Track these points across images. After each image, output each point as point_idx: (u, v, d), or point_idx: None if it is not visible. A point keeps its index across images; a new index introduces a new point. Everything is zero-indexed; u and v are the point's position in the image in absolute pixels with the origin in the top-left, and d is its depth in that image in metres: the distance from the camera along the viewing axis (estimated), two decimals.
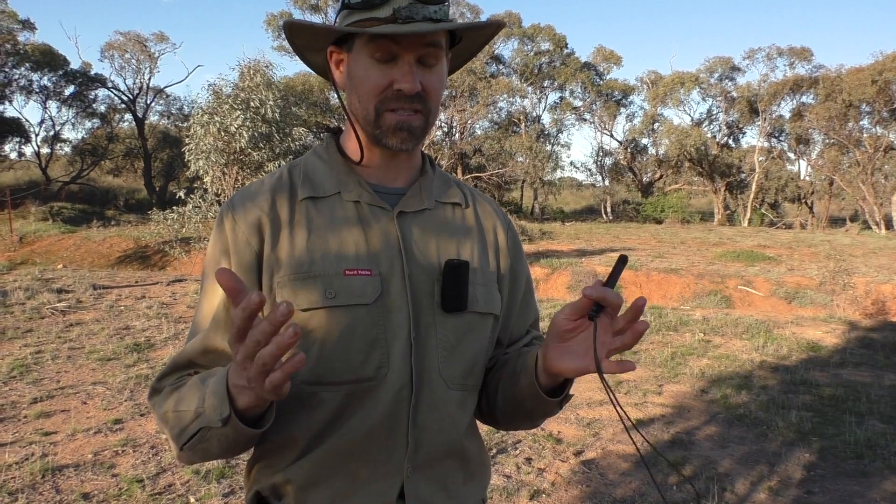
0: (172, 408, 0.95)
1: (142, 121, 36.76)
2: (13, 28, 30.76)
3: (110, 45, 35.16)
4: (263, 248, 1.02)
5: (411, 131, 1.02)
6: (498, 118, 38.08)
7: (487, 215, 1.20)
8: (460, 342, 1.07)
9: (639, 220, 36.42)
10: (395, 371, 1.01)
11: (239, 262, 1.01)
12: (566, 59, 39.40)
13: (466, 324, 1.07)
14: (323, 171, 1.09)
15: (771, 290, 12.55)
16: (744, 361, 6.62)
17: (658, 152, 41.86)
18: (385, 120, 1.01)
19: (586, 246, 19.28)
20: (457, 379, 1.07)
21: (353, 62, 1.01)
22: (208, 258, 1.06)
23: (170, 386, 0.99)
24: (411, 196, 1.10)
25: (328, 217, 1.04)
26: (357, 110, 1.03)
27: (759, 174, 37.29)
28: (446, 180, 1.19)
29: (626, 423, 1.03)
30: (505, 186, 38.91)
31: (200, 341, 1.00)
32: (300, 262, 1.00)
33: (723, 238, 23.25)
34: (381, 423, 1.00)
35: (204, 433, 0.90)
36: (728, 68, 39.24)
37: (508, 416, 1.15)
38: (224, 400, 0.86)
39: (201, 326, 1.02)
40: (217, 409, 0.87)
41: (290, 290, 0.99)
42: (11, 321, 7.60)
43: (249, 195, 1.06)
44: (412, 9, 0.95)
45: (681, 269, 14.28)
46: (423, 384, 1.03)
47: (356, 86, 1.01)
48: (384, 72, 0.98)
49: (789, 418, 4.92)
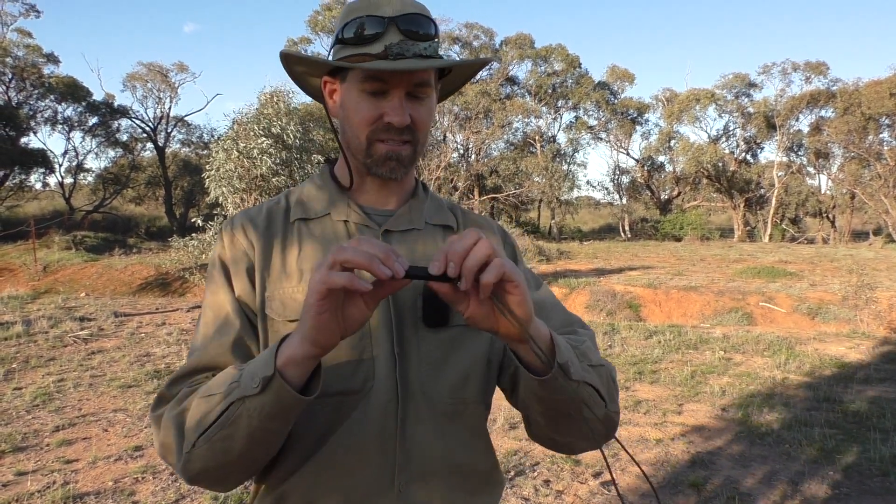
0: (198, 397, 0.94)
1: (162, 149, 37.34)
2: (38, 61, 31.52)
3: (132, 76, 35.88)
4: (256, 263, 1.07)
5: (400, 161, 1.07)
6: (513, 139, 38.20)
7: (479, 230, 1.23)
8: (447, 357, 1.08)
9: (657, 238, 36.19)
10: (380, 384, 1.03)
11: (236, 271, 1.07)
12: (580, 78, 39.53)
13: (452, 338, 1.09)
14: (316, 195, 1.15)
15: (793, 307, 12.39)
16: (765, 379, 6.53)
17: (675, 169, 41.68)
18: (376, 150, 1.06)
19: (604, 265, 19.18)
20: (444, 393, 1.07)
21: (346, 93, 1.06)
22: (209, 269, 1.11)
23: (187, 387, 0.99)
24: (400, 216, 1.14)
25: (318, 235, 1.10)
26: (349, 139, 1.09)
27: (779, 189, 36.96)
28: (439, 205, 1.23)
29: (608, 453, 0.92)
30: (522, 207, 38.90)
31: (215, 346, 1.02)
32: (290, 275, 1.06)
33: (743, 254, 23.03)
34: (370, 436, 1.02)
35: (233, 411, 0.88)
36: (744, 84, 39.11)
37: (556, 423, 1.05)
38: (269, 360, 0.86)
39: (208, 334, 1.04)
40: (258, 372, 0.87)
41: (279, 302, 1.05)
42: (35, 350, 7.71)
43: (248, 215, 1.13)
44: (403, 45, 1.00)
45: (701, 286, 14.15)
46: (408, 398, 1.05)
47: (348, 116, 1.07)
48: (375, 104, 1.03)
49: (813, 436, 4.84)
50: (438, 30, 1.06)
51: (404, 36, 1.00)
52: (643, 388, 6.26)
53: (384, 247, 0.81)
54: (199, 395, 0.94)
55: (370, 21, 1.01)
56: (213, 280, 1.09)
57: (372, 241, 0.82)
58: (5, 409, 5.46)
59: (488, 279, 0.81)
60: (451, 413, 1.09)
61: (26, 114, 30.97)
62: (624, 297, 13.43)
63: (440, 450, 1.07)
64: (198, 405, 0.93)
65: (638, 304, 13.27)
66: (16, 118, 29.58)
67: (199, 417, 0.91)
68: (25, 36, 32.23)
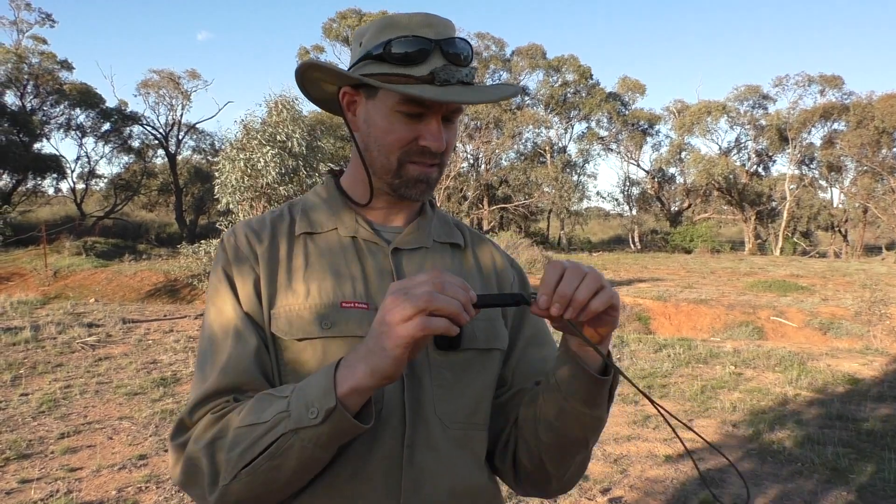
0: (235, 426, 0.89)
1: (174, 156, 37.56)
2: (52, 68, 31.83)
3: (145, 83, 36.15)
4: (261, 278, 1.03)
5: (429, 183, 1.06)
6: (524, 149, 38.23)
7: (488, 255, 1.20)
8: (459, 380, 1.05)
9: (667, 250, 36.05)
10: (388, 407, 0.99)
11: (243, 284, 1.02)
12: (591, 89, 39.55)
13: (465, 361, 1.06)
14: (321, 208, 1.12)
15: (805, 321, 12.28)
16: (777, 395, 6.44)
17: (686, 181, 41.56)
18: (407, 172, 1.04)
19: (614, 276, 19.10)
20: (458, 418, 1.04)
21: (375, 110, 1.03)
22: (212, 282, 1.05)
23: (212, 413, 0.94)
24: (408, 234, 1.11)
25: (325, 251, 1.06)
26: (375, 158, 1.05)
27: (791, 202, 36.77)
28: (446, 222, 1.20)
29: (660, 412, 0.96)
30: (531, 217, 38.89)
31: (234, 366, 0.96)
32: (297, 293, 1.02)
33: (754, 268, 22.89)
34: (376, 462, 0.98)
35: (284, 442, 0.85)
36: (757, 96, 39.00)
37: (558, 449, 1.04)
38: (329, 390, 0.84)
39: (222, 353, 0.98)
40: (315, 403, 0.84)
41: (285, 320, 1.00)
42: (42, 356, 7.71)
43: (251, 227, 1.09)
44: (448, 71, 0.97)
45: (711, 299, 14.05)
46: (418, 422, 1.01)
47: (377, 135, 1.03)
48: (411, 127, 1.01)
49: (825, 455, 4.75)
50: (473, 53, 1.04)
51: (447, 61, 0.98)
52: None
53: (463, 286, 0.82)
54: (237, 425, 0.89)
55: (416, 42, 0.97)
56: (218, 294, 1.03)
57: (455, 280, 0.82)
58: (11, 416, 5.45)
59: (596, 308, 0.85)
60: (462, 439, 1.06)
61: (40, 120, 31.25)
62: (633, 310, 13.35)
63: (449, 478, 1.03)
64: (238, 435, 0.88)
65: (647, 317, 13.19)
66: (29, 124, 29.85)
67: (243, 448, 0.87)
68: (41, 43, 32.63)
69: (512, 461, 1.12)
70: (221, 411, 0.94)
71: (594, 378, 0.95)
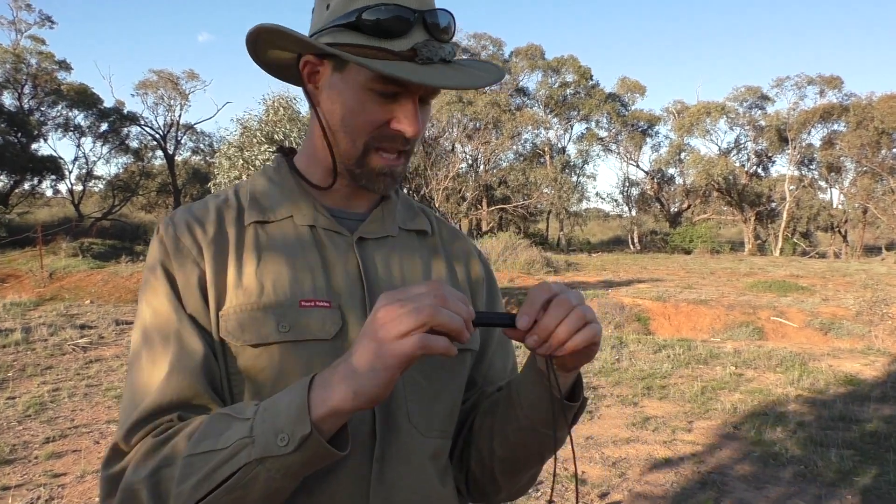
0: (186, 454, 0.75)
1: (172, 157, 37.48)
2: (51, 69, 31.74)
3: (143, 84, 36.08)
4: (206, 274, 0.89)
5: (394, 177, 0.94)
6: (523, 150, 38.15)
7: (457, 245, 1.09)
8: (432, 383, 0.94)
9: (667, 251, 35.96)
10: (358, 420, 0.87)
11: (186, 282, 0.88)
12: (591, 90, 39.48)
13: (438, 364, 0.94)
14: (273, 193, 0.97)
15: (805, 321, 12.18)
16: (778, 396, 6.33)
17: (685, 182, 41.49)
18: (371, 162, 0.91)
19: (613, 277, 18.99)
20: (435, 425, 0.94)
21: (343, 86, 0.89)
22: (146, 279, 0.91)
23: (152, 436, 0.80)
24: (372, 221, 0.99)
25: (280, 242, 0.93)
26: (339, 139, 0.92)
27: (790, 203, 36.69)
28: (410, 207, 1.08)
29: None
30: (530, 218, 38.80)
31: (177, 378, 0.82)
32: (248, 291, 0.88)
33: (754, 268, 22.79)
34: (342, 479, 0.86)
35: (247, 472, 0.72)
36: (757, 97, 38.94)
37: (511, 463, 0.98)
38: (302, 414, 0.71)
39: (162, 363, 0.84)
40: (286, 429, 0.71)
41: (236, 322, 0.86)
42: (33, 358, 7.60)
43: (194, 214, 0.94)
44: (430, 48, 0.85)
45: (711, 300, 13.95)
46: (390, 433, 0.89)
47: (344, 115, 0.90)
48: (383, 108, 0.88)
49: (829, 457, 4.65)
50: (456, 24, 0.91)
51: (430, 35, 0.85)
52: (651, 404, 6.08)
53: (464, 301, 0.73)
54: (188, 452, 0.75)
55: (396, 11, 0.83)
56: (155, 293, 0.88)
57: (457, 294, 0.73)
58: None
59: (572, 347, 0.78)
60: (437, 448, 0.95)
61: (38, 120, 31.16)
62: (632, 310, 13.24)
63: (422, 493, 0.92)
64: (190, 464, 0.74)
65: (647, 318, 13.08)
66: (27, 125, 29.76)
67: (198, 480, 0.73)
68: (39, 43, 32.51)
69: (461, 467, 1.03)
70: (165, 434, 0.80)
71: (560, 402, 0.87)
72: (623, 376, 7.08)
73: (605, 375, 7.09)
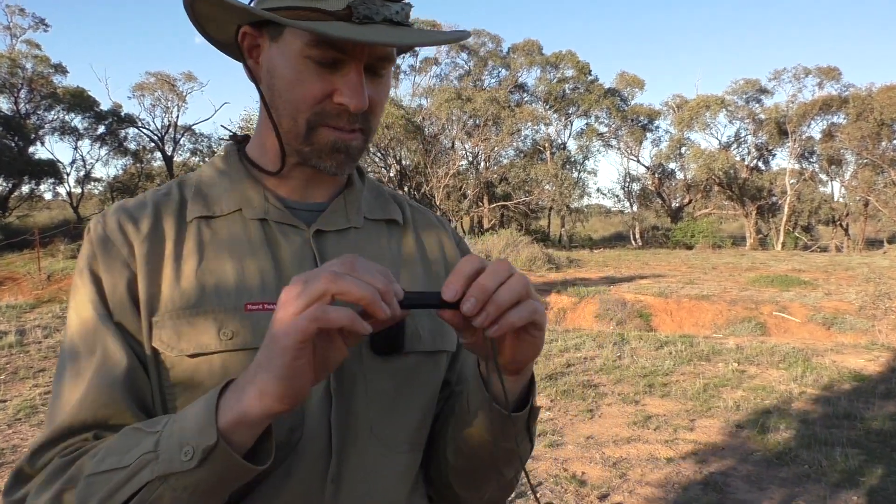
0: (87, 473, 0.67)
1: (170, 158, 37.40)
2: (46, 72, 31.65)
3: (140, 86, 35.94)
4: (138, 275, 0.79)
5: (350, 153, 0.82)
6: (523, 146, 37.98)
7: (431, 230, 0.98)
8: (401, 391, 0.84)
9: (669, 246, 35.82)
10: (310, 434, 0.77)
11: (113, 286, 0.79)
12: (590, 85, 39.31)
13: (410, 367, 0.85)
14: (221, 184, 0.87)
15: (808, 316, 12.07)
16: (781, 393, 6.24)
17: (686, 177, 41.34)
18: (320, 137, 0.81)
19: (615, 273, 18.88)
20: (403, 437, 0.84)
21: (280, 56, 0.79)
22: (73, 284, 0.83)
23: (60, 457, 0.72)
24: (333, 212, 0.89)
25: (225, 239, 0.83)
26: (281, 117, 0.82)
27: (791, 197, 36.53)
28: (379, 194, 0.97)
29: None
30: (532, 214, 38.68)
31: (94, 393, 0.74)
32: (187, 294, 0.79)
33: (755, 263, 22.66)
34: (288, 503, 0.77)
35: (150, 492, 0.63)
36: (755, 90, 38.77)
37: (467, 475, 0.88)
38: (209, 423, 0.63)
39: (81, 377, 0.76)
40: (190, 441, 0.62)
41: (171, 329, 0.77)
42: (26, 360, 7.51)
43: (127, 210, 0.85)
44: (371, 6, 0.74)
45: (713, 295, 13.85)
46: (347, 450, 0.80)
47: (282, 89, 0.80)
48: (323, 79, 0.78)
49: (834, 456, 4.55)
50: None
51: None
52: (653, 402, 5.98)
53: (383, 273, 0.61)
54: (90, 471, 0.67)
55: None
56: (80, 299, 0.80)
57: (369, 264, 0.61)
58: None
59: (515, 321, 0.66)
60: (407, 463, 0.85)
61: (34, 124, 31.10)
62: (634, 306, 13.14)
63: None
64: (92, 484, 0.66)
65: (648, 314, 12.99)
66: (24, 128, 29.69)
67: (98, 501, 0.65)
68: (34, 47, 32.42)
69: (426, 473, 0.94)
70: (73, 454, 0.71)
71: (501, 413, 0.77)
72: (624, 374, 6.98)
73: (607, 373, 7.00)
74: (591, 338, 8.89)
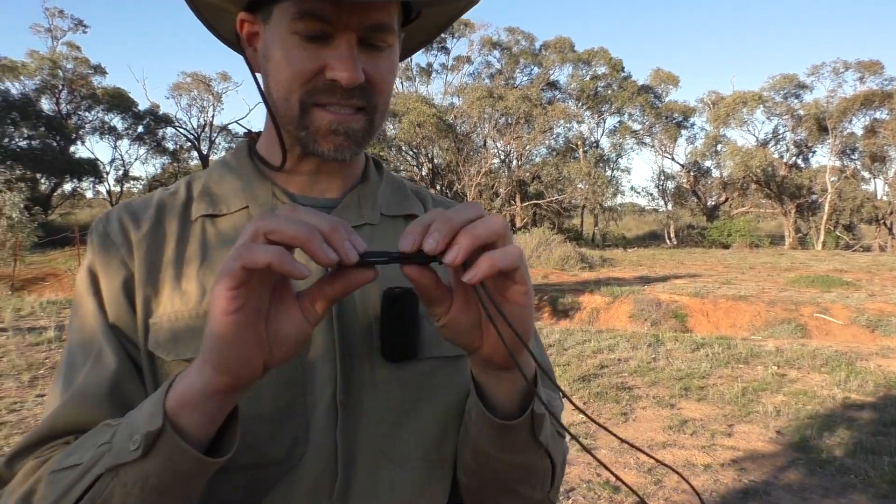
0: (50, 470, 0.64)
1: (206, 157, 37.97)
2: (86, 73, 32.37)
3: (177, 86, 36.59)
4: (136, 275, 0.76)
5: (350, 135, 0.75)
6: (555, 144, 37.72)
7: None
8: (416, 401, 0.77)
9: (704, 245, 35.28)
10: (314, 450, 0.72)
11: (110, 287, 0.76)
12: (623, 82, 38.87)
13: (424, 375, 0.78)
14: (228, 182, 0.83)
15: (851, 318, 11.73)
16: (824, 398, 6.04)
17: (722, 174, 40.66)
18: (314, 119, 0.74)
19: (649, 273, 18.62)
20: (416, 454, 0.77)
21: (271, 38, 0.74)
22: (76, 286, 0.79)
23: (36, 459, 0.69)
24: (346, 208, 0.82)
25: (231, 238, 0.78)
26: (276, 102, 0.76)
27: (832, 195, 35.69)
28: (399, 188, 0.91)
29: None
30: (564, 213, 38.42)
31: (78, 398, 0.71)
32: (187, 296, 0.74)
33: (795, 262, 22.17)
34: None
35: (101, 487, 0.59)
36: (793, 85, 37.94)
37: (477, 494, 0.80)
38: (156, 405, 0.58)
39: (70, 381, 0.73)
40: (138, 424, 0.57)
41: (168, 333, 0.73)
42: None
43: (130, 210, 0.81)
44: None
45: (750, 295, 13.55)
46: (354, 467, 0.73)
47: (273, 70, 0.74)
48: (313, 53, 0.71)
49: (881, 466, 4.37)
50: None
51: None
52: (689, 406, 5.84)
53: (330, 218, 0.53)
54: (52, 468, 0.64)
55: None
56: (80, 300, 0.77)
57: (312, 210, 0.53)
58: (24, 418, 5.34)
59: (496, 264, 0.54)
60: (422, 482, 0.77)
61: (75, 124, 31.82)
62: (669, 307, 12.93)
63: None
64: (52, 482, 0.63)
65: (684, 314, 12.76)
66: (65, 128, 30.39)
67: (54, 500, 0.61)
68: (74, 49, 33.16)
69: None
70: (48, 455, 0.68)
71: (492, 420, 0.67)
72: (659, 376, 6.84)
73: (641, 375, 6.86)
74: (626, 339, 8.74)
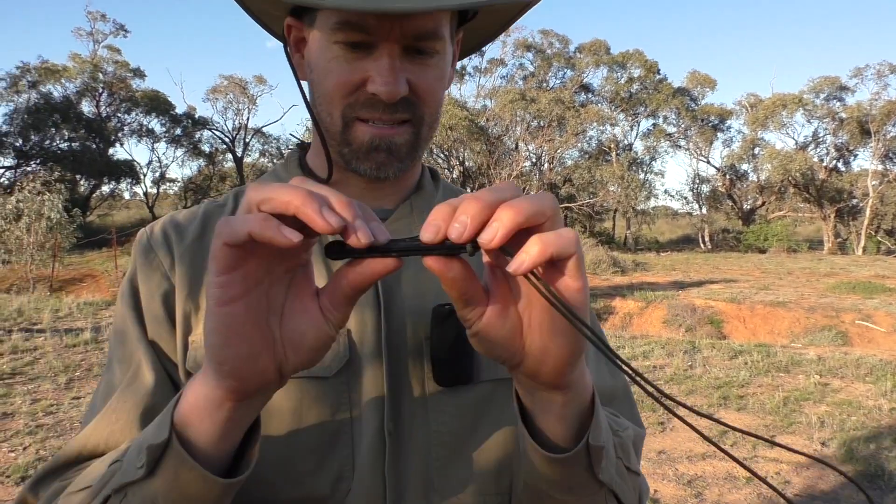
0: (67, 492, 0.61)
1: (240, 159, 38.43)
2: (126, 76, 33.02)
3: (214, 89, 37.12)
4: (176, 290, 0.71)
5: (393, 151, 0.70)
6: (588, 147, 37.45)
7: None
8: (473, 431, 0.70)
9: (740, 250, 34.66)
10: (360, 486, 0.66)
11: (150, 302, 0.71)
12: (658, 84, 38.43)
13: (480, 400, 0.71)
14: None
15: (894, 326, 11.38)
16: (870, 409, 5.83)
17: (759, 178, 39.93)
18: (356, 134, 0.69)
19: (683, 278, 18.32)
20: (472, 487, 0.70)
21: (315, 45, 0.69)
22: (117, 300, 0.75)
23: (61, 481, 0.65)
24: (398, 219, 0.77)
25: None
26: (321, 114, 0.71)
27: (874, 199, 34.81)
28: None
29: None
30: (596, 216, 38.07)
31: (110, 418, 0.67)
32: None
33: (835, 268, 21.64)
34: None
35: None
36: (835, 88, 37.12)
37: None
38: (165, 420, 0.52)
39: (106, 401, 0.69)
40: (147, 439, 0.53)
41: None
42: (100, 358, 7.72)
43: (174, 220, 0.77)
44: None
45: (789, 302, 13.24)
46: (404, 503, 0.67)
47: (318, 81, 0.70)
48: (354, 65, 0.66)
49: None
50: None
51: None
52: (729, 416, 5.68)
53: (344, 196, 0.46)
54: (70, 489, 0.61)
55: None
56: (120, 314, 0.73)
57: (324, 186, 0.46)
58: (60, 420, 5.40)
59: (547, 249, 0.43)
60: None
61: (114, 126, 32.47)
62: (704, 313, 12.69)
63: None
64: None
65: (720, 320, 12.51)
66: (104, 131, 31.03)
67: None
68: (115, 52, 33.86)
69: None
70: (73, 476, 0.64)
71: (545, 456, 0.57)
72: (697, 384, 6.68)
73: (678, 383, 6.71)
74: (660, 345, 8.57)
